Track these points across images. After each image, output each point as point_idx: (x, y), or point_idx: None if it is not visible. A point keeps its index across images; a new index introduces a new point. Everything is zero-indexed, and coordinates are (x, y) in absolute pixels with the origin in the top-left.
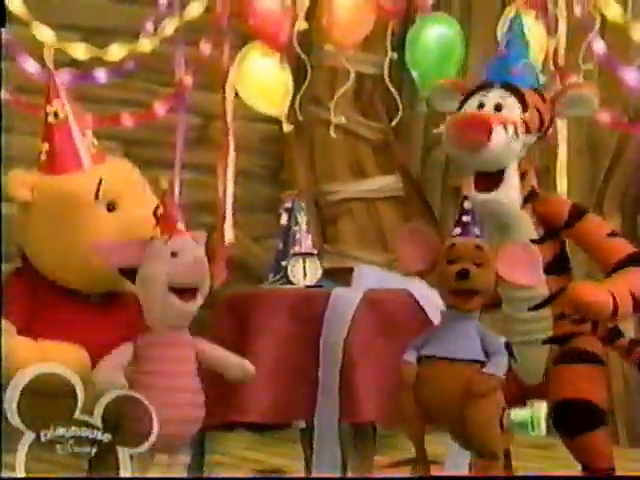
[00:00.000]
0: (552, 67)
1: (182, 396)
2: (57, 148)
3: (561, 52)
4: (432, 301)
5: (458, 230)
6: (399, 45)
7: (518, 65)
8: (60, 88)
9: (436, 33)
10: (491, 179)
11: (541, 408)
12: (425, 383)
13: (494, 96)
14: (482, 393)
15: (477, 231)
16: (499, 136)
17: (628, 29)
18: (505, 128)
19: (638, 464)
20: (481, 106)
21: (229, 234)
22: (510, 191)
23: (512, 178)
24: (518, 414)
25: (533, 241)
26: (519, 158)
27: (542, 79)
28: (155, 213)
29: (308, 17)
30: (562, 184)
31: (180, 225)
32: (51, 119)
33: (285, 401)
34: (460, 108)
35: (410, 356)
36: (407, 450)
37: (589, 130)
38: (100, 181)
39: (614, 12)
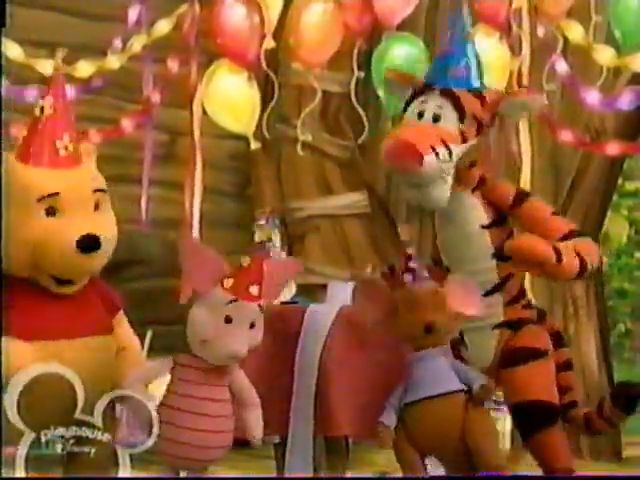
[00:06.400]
0: (516, 86)
1: (209, 422)
2: (29, 139)
3: (525, 72)
4: None
5: (409, 277)
6: (365, 64)
7: (459, 65)
8: (63, 93)
9: (401, 52)
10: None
11: (505, 423)
12: (421, 424)
13: (433, 105)
14: (486, 397)
15: (424, 272)
16: (430, 163)
17: (590, 50)
18: (436, 153)
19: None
20: (420, 115)
21: None
22: (438, 189)
23: (443, 184)
24: None
25: (483, 226)
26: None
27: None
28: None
29: (276, 36)
30: None
31: (253, 289)
32: (37, 111)
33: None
34: (405, 109)
35: (387, 418)
36: (379, 465)
37: (552, 150)
38: (55, 194)
39: (576, 34)
